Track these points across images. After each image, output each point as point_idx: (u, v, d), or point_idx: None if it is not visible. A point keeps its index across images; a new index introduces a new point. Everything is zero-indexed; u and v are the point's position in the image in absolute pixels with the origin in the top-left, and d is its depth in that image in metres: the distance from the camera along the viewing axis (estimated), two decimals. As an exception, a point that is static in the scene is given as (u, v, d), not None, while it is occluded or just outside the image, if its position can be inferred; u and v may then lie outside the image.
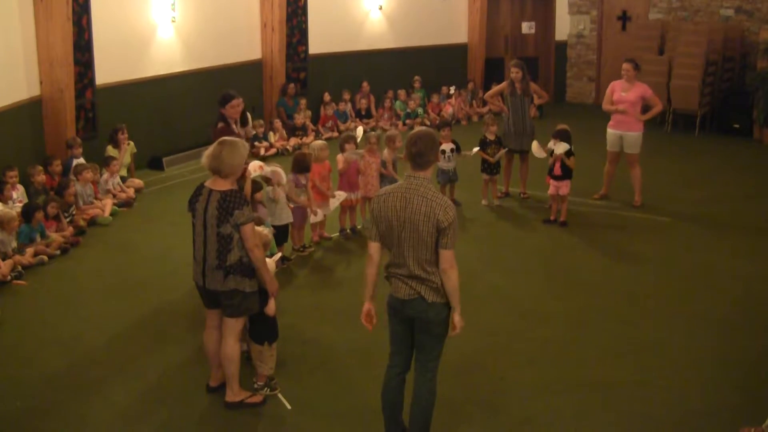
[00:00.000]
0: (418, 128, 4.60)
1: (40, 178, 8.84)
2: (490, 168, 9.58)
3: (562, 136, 8.82)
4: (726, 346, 6.09)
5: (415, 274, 4.39)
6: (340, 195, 8.36)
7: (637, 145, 9.43)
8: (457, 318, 4.47)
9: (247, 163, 6.52)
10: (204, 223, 4.95)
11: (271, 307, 5.30)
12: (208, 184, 5.01)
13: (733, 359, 5.87)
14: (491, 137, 9.55)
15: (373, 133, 9.19)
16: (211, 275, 4.99)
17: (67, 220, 8.72)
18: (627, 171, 9.62)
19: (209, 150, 5.02)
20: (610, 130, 9.58)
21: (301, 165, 7.91)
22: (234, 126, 7.13)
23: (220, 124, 7.11)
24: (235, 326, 5.11)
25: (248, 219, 4.91)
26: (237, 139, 5.19)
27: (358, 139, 8.81)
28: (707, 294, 7.07)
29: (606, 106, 9.55)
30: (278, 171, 7.59)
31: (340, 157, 8.44)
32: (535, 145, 9.13)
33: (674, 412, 5.15)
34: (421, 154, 4.37)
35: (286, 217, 7.64)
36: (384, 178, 8.80)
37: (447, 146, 9.31)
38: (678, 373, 5.65)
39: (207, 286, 5.04)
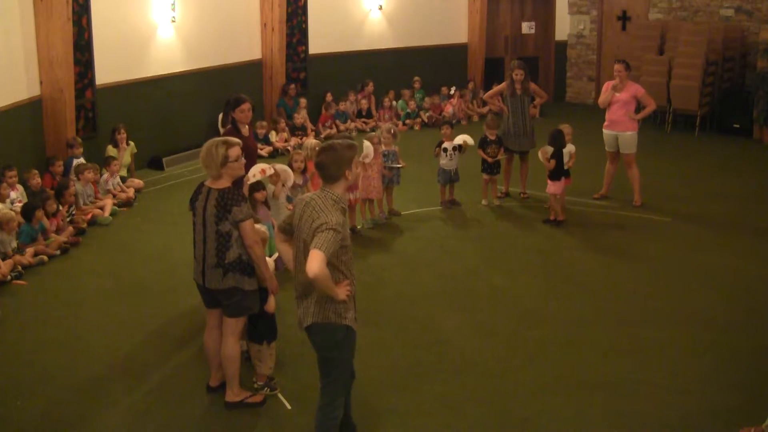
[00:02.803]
0: (334, 140, 4.38)
1: (35, 181, 8.81)
2: (490, 168, 9.57)
3: (551, 138, 8.85)
4: (726, 346, 6.08)
5: (303, 289, 4.27)
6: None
7: (633, 144, 9.45)
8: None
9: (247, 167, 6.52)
10: (203, 222, 4.98)
11: (271, 305, 5.31)
12: (208, 183, 5.05)
13: (733, 359, 5.87)
14: (492, 137, 9.55)
15: (372, 133, 9.18)
16: (210, 274, 5.00)
17: (68, 220, 8.72)
18: (626, 171, 9.63)
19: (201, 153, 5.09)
20: (605, 131, 9.60)
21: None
22: (242, 129, 7.14)
23: (229, 127, 7.14)
24: (235, 326, 5.12)
25: (247, 216, 4.92)
26: (219, 138, 5.15)
27: (368, 159, 8.53)
28: (707, 294, 7.07)
29: (601, 99, 9.57)
30: (287, 170, 7.61)
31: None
32: (540, 153, 9.14)
33: (674, 411, 5.15)
34: (322, 166, 4.21)
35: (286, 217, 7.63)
36: (384, 177, 8.85)
37: (449, 144, 9.31)
38: (678, 373, 5.65)
39: (206, 285, 5.05)
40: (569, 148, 9.05)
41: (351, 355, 4.46)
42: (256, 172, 7.02)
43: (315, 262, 3.96)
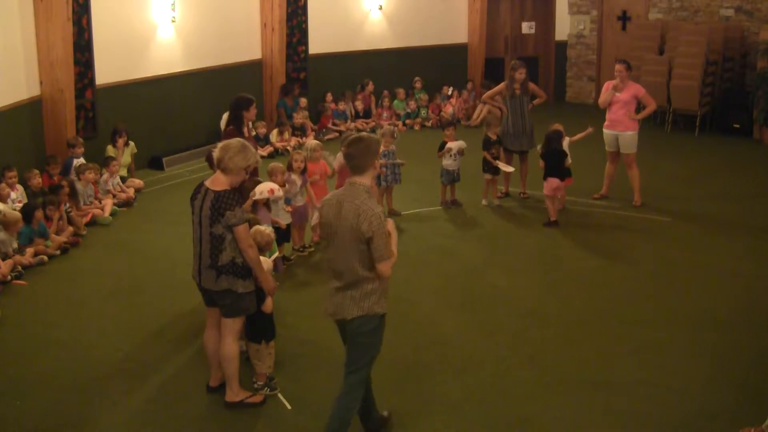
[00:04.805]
0: (362, 134, 4.61)
1: (36, 181, 8.82)
2: (494, 168, 9.55)
3: (544, 140, 8.97)
4: (726, 346, 6.08)
5: (344, 282, 4.43)
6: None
7: (633, 144, 9.45)
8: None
9: (250, 175, 6.53)
10: (200, 222, 4.99)
11: (268, 305, 5.30)
12: (207, 182, 5.03)
13: (733, 359, 5.87)
14: (494, 137, 9.55)
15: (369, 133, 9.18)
16: (205, 274, 5.02)
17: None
18: (626, 171, 9.63)
19: (222, 142, 5.11)
20: (606, 131, 9.60)
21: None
22: (245, 129, 7.16)
23: (230, 127, 7.13)
24: (232, 326, 5.11)
25: (240, 220, 4.91)
26: (249, 144, 5.16)
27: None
28: (707, 294, 7.07)
29: (602, 99, 9.57)
30: (294, 180, 7.60)
31: (339, 156, 8.43)
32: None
33: (674, 412, 5.15)
34: (351, 156, 4.41)
35: (285, 218, 7.63)
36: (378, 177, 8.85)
37: (453, 145, 9.31)
38: (678, 373, 5.65)
39: (202, 284, 5.08)
40: (564, 143, 9.08)
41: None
42: (264, 190, 6.97)
43: (387, 270, 4.36)
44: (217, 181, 4.98)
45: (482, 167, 9.61)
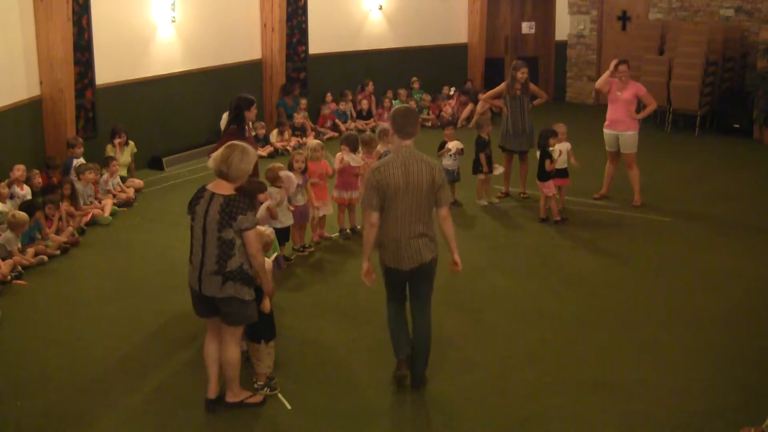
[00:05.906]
0: (406, 106, 5.44)
1: (36, 181, 8.84)
2: (482, 168, 9.56)
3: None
4: (726, 346, 6.09)
5: (418, 232, 5.06)
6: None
7: (634, 144, 9.44)
8: (456, 257, 5.29)
9: (254, 176, 6.53)
10: (204, 227, 4.87)
11: (266, 305, 5.28)
12: (210, 187, 4.95)
13: (733, 359, 5.87)
14: (486, 137, 9.56)
15: (370, 133, 9.17)
16: (207, 280, 4.89)
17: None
18: (626, 171, 9.63)
19: (217, 153, 4.98)
20: (606, 131, 9.59)
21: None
22: (247, 128, 7.18)
23: (233, 126, 7.12)
24: (235, 332, 5.08)
25: (252, 224, 4.87)
26: (247, 145, 5.10)
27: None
28: (707, 294, 7.07)
29: (599, 81, 9.56)
30: (291, 177, 7.60)
31: (339, 155, 8.44)
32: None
33: (674, 412, 5.16)
34: (402, 126, 5.17)
35: (287, 219, 7.62)
36: None
37: (453, 145, 9.31)
38: (678, 373, 5.65)
39: (203, 291, 4.93)
40: (564, 146, 9.07)
41: None
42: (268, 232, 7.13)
43: (449, 219, 5.23)
44: (222, 186, 4.91)
45: (473, 168, 9.60)
